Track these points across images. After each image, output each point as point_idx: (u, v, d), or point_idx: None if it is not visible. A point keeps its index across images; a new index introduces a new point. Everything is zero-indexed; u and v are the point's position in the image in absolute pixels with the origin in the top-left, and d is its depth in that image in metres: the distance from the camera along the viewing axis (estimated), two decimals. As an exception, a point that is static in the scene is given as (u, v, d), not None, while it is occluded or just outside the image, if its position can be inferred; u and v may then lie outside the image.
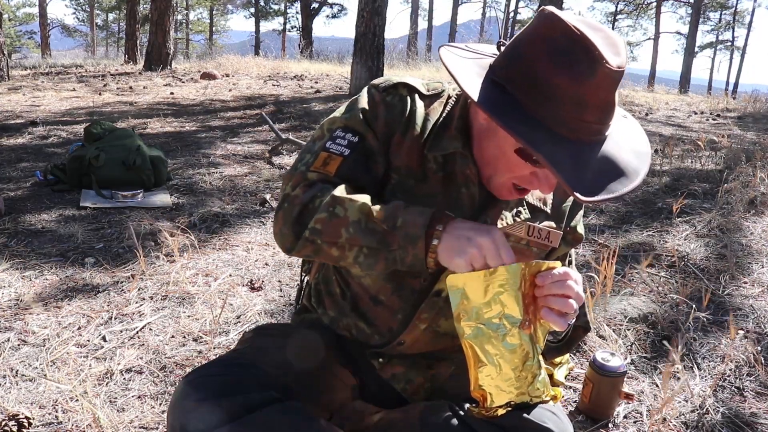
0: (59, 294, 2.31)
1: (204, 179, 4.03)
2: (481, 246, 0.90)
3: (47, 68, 12.39)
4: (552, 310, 0.92)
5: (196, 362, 1.89)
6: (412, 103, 1.08)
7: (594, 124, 0.90)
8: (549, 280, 0.92)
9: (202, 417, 0.92)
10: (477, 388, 0.95)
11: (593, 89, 0.87)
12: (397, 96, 1.08)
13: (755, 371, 1.96)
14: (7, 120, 5.95)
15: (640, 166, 0.94)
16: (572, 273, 0.94)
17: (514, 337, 0.92)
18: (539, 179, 0.99)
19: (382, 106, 1.07)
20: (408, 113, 1.07)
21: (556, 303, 0.92)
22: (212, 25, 36.88)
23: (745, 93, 11.80)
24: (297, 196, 1.01)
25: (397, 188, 1.08)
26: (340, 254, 0.98)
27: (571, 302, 0.92)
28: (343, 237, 0.96)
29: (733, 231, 3.25)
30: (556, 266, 0.94)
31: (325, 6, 28.04)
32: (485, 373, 0.93)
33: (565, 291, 0.92)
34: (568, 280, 0.92)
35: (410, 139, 1.07)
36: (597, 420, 1.70)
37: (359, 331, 1.17)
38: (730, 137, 6.24)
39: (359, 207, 0.96)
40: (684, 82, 24.46)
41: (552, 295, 0.92)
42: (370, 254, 0.96)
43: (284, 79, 10.75)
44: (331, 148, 1.05)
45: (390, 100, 1.08)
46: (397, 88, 1.09)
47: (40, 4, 28.75)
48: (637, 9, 32.33)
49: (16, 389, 1.71)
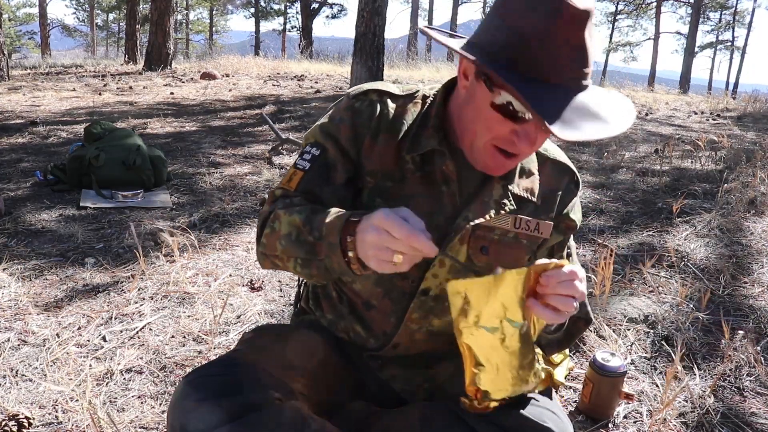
0: (59, 294, 2.31)
1: (204, 179, 4.03)
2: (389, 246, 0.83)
3: (47, 68, 12.39)
4: (548, 307, 0.90)
5: (196, 362, 1.89)
6: (383, 106, 1.09)
7: (569, 67, 0.89)
8: (555, 280, 0.89)
9: (202, 417, 0.92)
10: (472, 384, 0.93)
11: (562, 29, 0.87)
12: (366, 101, 1.09)
13: (755, 371, 1.96)
14: (7, 120, 5.95)
15: (623, 118, 0.93)
16: (579, 272, 0.91)
17: (515, 340, 0.91)
18: (519, 137, 0.96)
19: (349, 112, 1.09)
20: (377, 116, 1.08)
21: (559, 303, 0.89)
22: (212, 25, 36.88)
23: (745, 93, 11.80)
24: (262, 213, 1.08)
25: (375, 192, 1.08)
26: (284, 265, 1.03)
27: (573, 303, 0.90)
28: (278, 250, 1.01)
29: (733, 231, 3.26)
30: (563, 265, 0.91)
31: (325, 6, 28.03)
32: (483, 374, 0.92)
33: (570, 291, 0.89)
34: (575, 280, 0.90)
35: (382, 142, 1.08)
36: (597, 420, 1.70)
37: (356, 335, 1.17)
38: (730, 137, 6.24)
39: (290, 221, 0.99)
40: (684, 82, 24.47)
41: (556, 294, 0.89)
42: (304, 264, 0.98)
43: (284, 79, 10.75)
44: (298, 164, 1.11)
45: (358, 106, 1.09)
46: (367, 93, 1.10)
47: (40, 4, 28.74)
48: (637, 9, 32.31)
49: (16, 389, 1.71)
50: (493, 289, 0.88)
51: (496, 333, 0.90)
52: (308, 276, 1.01)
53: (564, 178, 1.17)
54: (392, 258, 0.83)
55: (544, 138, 0.99)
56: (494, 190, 1.09)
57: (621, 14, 33.70)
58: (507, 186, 1.10)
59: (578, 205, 1.20)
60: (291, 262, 1.00)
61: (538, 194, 1.13)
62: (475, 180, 1.09)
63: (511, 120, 0.94)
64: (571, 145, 5.60)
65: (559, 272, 0.89)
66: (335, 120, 1.10)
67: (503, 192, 1.10)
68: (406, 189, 1.08)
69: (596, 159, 5.05)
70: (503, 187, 1.10)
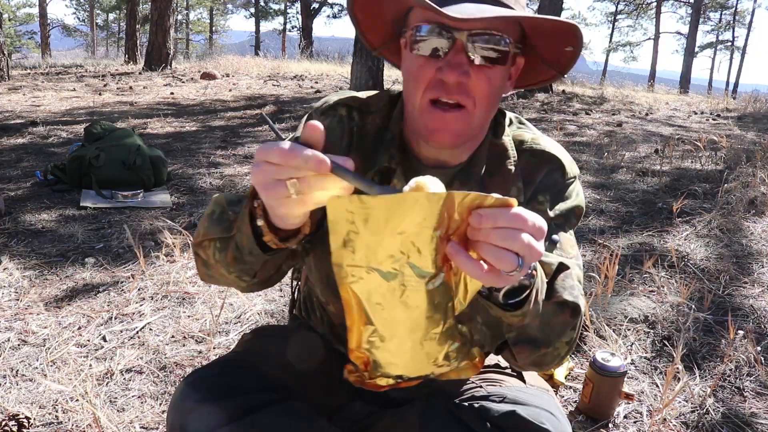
0: (59, 294, 2.31)
1: (204, 179, 4.03)
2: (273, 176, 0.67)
3: (47, 68, 12.39)
4: (482, 263, 0.64)
5: (196, 362, 1.89)
6: (350, 122, 1.04)
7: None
8: (490, 222, 0.63)
9: (202, 418, 0.92)
10: (359, 348, 0.72)
11: None
12: (336, 117, 1.04)
13: (755, 371, 1.96)
14: (7, 120, 5.95)
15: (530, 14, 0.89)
16: (530, 217, 0.64)
17: (419, 295, 0.67)
18: (442, 70, 0.89)
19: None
20: (347, 134, 1.03)
21: (491, 255, 0.63)
22: (212, 25, 36.90)
23: (745, 93, 11.80)
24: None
25: None
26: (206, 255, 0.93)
27: (510, 257, 0.63)
28: (201, 234, 0.93)
29: (733, 231, 3.25)
30: (510, 205, 0.63)
31: (325, 6, 28.05)
32: (371, 335, 0.71)
33: (508, 243, 0.63)
34: (521, 229, 0.63)
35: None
36: (597, 420, 1.70)
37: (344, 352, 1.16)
38: (730, 137, 6.24)
39: (217, 200, 0.93)
40: (684, 82, 24.49)
41: (489, 243, 0.63)
42: (222, 247, 0.89)
43: (284, 79, 10.75)
44: None
45: (329, 124, 1.01)
46: (336, 108, 1.04)
47: (40, 4, 28.76)
48: (637, 9, 32.33)
49: (16, 389, 1.71)
50: (394, 217, 0.62)
51: (394, 281, 0.66)
52: (226, 266, 0.90)
53: (543, 167, 1.02)
54: (287, 191, 0.66)
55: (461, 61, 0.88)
56: None
57: (621, 14, 33.72)
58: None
59: (569, 194, 1.02)
60: (211, 248, 0.91)
61: (519, 191, 1.01)
62: None
63: (432, 58, 0.90)
64: (570, 146, 5.61)
65: (497, 212, 0.63)
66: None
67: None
68: None
69: (596, 159, 5.05)
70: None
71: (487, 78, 0.90)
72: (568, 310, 0.85)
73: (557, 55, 0.97)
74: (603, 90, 11.12)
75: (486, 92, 0.91)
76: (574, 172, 1.04)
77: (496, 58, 0.89)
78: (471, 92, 0.90)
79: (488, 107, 0.94)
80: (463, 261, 0.64)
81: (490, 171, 1.01)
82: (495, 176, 1.01)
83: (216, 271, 0.93)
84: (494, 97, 0.94)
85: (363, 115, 1.04)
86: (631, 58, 33.91)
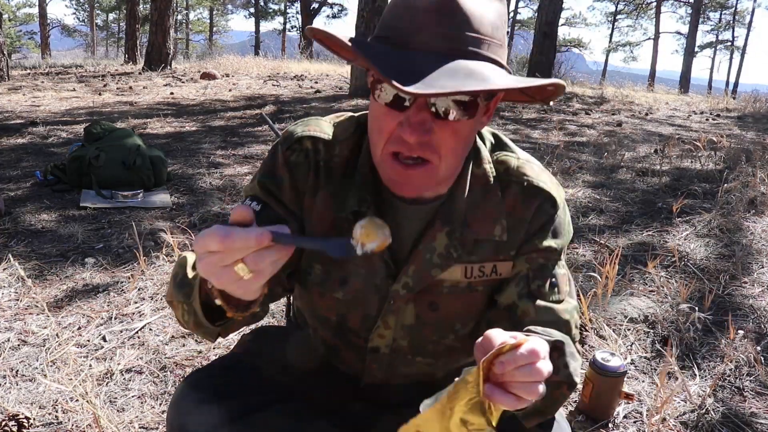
0: (59, 294, 2.31)
1: (204, 179, 4.03)
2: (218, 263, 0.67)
3: (47, 68, 12.39)
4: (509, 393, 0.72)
5: (196, 362, 1.89)
6: (316, 156, 0.97)
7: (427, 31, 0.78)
8: (512, 365, 0.71)
9: (202, 418, 0.93)
10: None
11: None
12: (302, 153, 0.97)
13: (755, 371, 1.96)
14: (7, 120, 5.95)
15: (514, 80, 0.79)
16: (540, 348, 0.71)
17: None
18: (403, 126, 0.82)
19: (285, 169, 0.97)
20: (314, 171, 0.97)
21: (521, 390, 0.72)
22: (212, 25, 36.89)
23: (745, 93, 11.81)
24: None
25: (312, 257, 0.99)
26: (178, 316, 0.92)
27: (539, 388, 0.72)
28: (168, 294, 0.92)
29: (733, 231, 3.26)
30: (520, 344, 0.73)
31: (325, 6, 28.07)
32: None
33: (532, 377, 0.71)
34: (536, 362, 0.71)
35: (320, 202, 0.97)
36: (597, 420, 1.70)
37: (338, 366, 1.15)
38: (730, 137, 6.24)
39: (179, 260, 0.91)
40: (684, 82, 24.50)
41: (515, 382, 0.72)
42: (189, 311, 0.87)
43: (284, 79, 10.75)
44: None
45: (294, 160, 0.97)
46: (302, 142, 0.97)
47: (40, 4, 28.77)
48: (637, 9, 32.34)
49: (16, 389, 1.71)
50: (447, 410, 0.73)
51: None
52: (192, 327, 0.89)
53: (533, 202, 0.97)
54: (236, 274, 0.67)
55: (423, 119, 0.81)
56: (437, 241, 0.95)
57: (621, 14, 33.73)
58: (452, 232, 0.95)
59: (560, 227, 0.99)
60: (179, 310, 0.89)
61: (503, 229, 0.96)
62: (412, 233, 0.97)
63: (395, 108, 0.82)
64: (570, 146, 5.61)
65: (515, 355, 0.71)
66: (276, 179, 0.98)
67: (449, 241, 0.95)
68: None
69: (596, 159, 5.05)
70: (448, 235, 0.95)
71: (453, 131, 0.83)
72: (565, 385, 0.90)
73: (538, 93, 0.91)
74: (603, 90, 11.12)
75: (452, 145, 0.85)
76: (561, 198, 1.00)
77: (463, 112, 0.82)
78: (436, 147, 0.84)
79: (456, 158, 0.88)
80: (500, 397, 0.71)
81: (473, 207, 0.96)
82: (478, 213, 0.96)
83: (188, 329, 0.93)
84: (463, 146, 0.88)
85: (329, 147, 0.97)
86: (631, 58, 33.93)
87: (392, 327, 1.01)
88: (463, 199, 0.95)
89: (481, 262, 0.97)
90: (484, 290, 1.00)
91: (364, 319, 1.01)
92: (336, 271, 0.99)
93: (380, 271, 0.97)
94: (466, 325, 1.03)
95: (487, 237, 0.96)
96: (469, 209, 0.96)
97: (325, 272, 0.99)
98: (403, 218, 0.96)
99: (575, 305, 0.99)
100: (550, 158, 4.77)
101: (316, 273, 1.00)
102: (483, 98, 0.83)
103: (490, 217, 0.96)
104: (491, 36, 0.80)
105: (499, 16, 0.82)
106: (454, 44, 0.78)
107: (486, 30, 0.79)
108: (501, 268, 0.98)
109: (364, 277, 0.98)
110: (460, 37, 0.78)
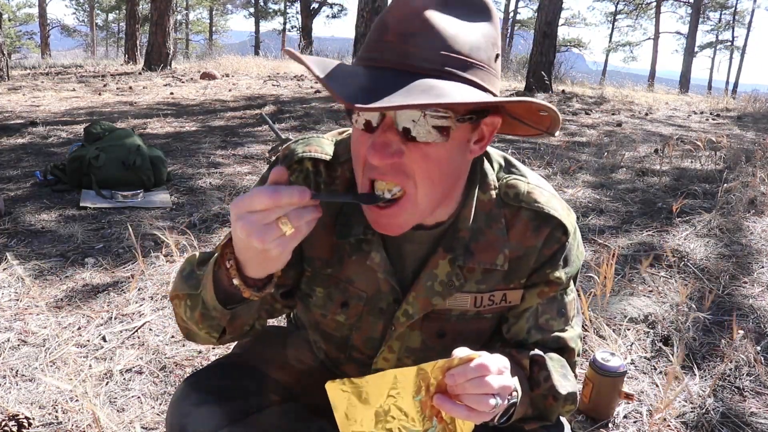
0: (59, 294, 2.31)
1: (204, 179, 4.03)
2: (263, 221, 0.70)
3: (47, 68, 12.40)
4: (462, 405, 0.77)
5: (196, 362, 1.89)
6: (317, 177, 0.94)
7: (395, 49, 0.75)
8: (462, 378, 0.76)
9: (202, 419, 0.93)
10: None
11: (392, 10, 0.78)
12: (303, 173, 0.94)
13: (755, 371, 1.96)
14: (7, 120, 5.95)
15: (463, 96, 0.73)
16: (491, 363, 0.76)
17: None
18: (369, 151, 0.79)
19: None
20: (315, 191, 0.93)
21: (473, 402, 0.76)
22: (212, 25, 36.89)
23: (745, 93, 11.81)
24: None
25: (314, 282, 0.99)
26: (178, 313, 0.94)
27: (489, 401, 0.76)
28: (172, 289, 0.94)
29: (733, 231, 3.26)
30: (471, 359, 0.77)
31: (325, 6, 28.06)
32: None
33: (482, 389, 0.75)
34: (486, 375, 0.75)
35: (320, 226, 0.88)
36: (597, 420, 1.70)
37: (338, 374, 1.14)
38: (730, 137, 6.24)
39: (189, 258, 0.92)
40: (684, 82, 24.51)
41: (467, 394, 0.76)
42: (192, 305, 0.89)
43: (284, 79, 10.75)
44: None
45: (294, 180, 0.94)
46: (302, 162, 0.94)
47: (40, 4, 28.77)
48: (637, 9, 32.33)
49: (16, 389, 1.71)
50: (381, 390, 0.78)
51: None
52: (195, 323, 0.90)
53: (544, 230, 0.94)
54: (279, 231, 0.70)
55: (387, 140, 0.78)
56: (439, 269, 0.92)
57: (621, 14, 33.72)
58: (455, 260, 0.92)
59: (571, 254, 0.97)
60: (182, 306, 0.90)
61: (505, 258, 0.93)
62: (415, 260, 0.95)
63: (366, 132, 0.80)
64: (570, 146, 5.61)
65: (465, 369, 0.75)
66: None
67: (451, 269, 0.92)
68: (343, 273, 0.96)
69: (596, 159, 5.06)
70: (450, 263, 0.92)
71: (423, 155, 0.78)
72: (550, 397, 0.93)
73: (533, 119, 0.87)
74: (603, 90, 11.13)
75: (425, 171, 0.80)
76: (573, 224, 0.97)
77: (437, 134, 0.77)
78: (408, 172, 0.80)
79: (434, 185, 0.82)
80: (450, 408, 0.77)
81: (476, 234, 0.93)
82: (481, 241, 0.93)
83: (190, 328, 0.94)
84: (440, 172, 0.82)
85: (331, 168, 0.94)
86: (631, 58, 33.92)
87: (396, 351, 1.00)
88: (468, 226, 0.92)
89: (491, 291, 0.95)
90: (493, 317, 0.99)
91: (368, 340, 1.00)
92: (337, 295, 0.97)
93: (386, 296, 0.95)
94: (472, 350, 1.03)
95: (490, 266, 0.93)
96: (473, 237, 0.92)
97: (326, 295, 0.98)
98: (406, 243, 0.94)
99: (579, 333, 1.01)
100: (550, 158, 4.78)
101: (318, 296, 0.99)
102: (456, 120, 0.78)
103: (494, 246, 0.93)
104: (468, 56, 0.76)
105: (485, 36, 0.78)
106: (421, 63, 0.74)
107: (462, 50, 0.75)
108: (511, 296, 0.96)
109: (366, 301, 0.97)
110: (429, 56, 0.74)
